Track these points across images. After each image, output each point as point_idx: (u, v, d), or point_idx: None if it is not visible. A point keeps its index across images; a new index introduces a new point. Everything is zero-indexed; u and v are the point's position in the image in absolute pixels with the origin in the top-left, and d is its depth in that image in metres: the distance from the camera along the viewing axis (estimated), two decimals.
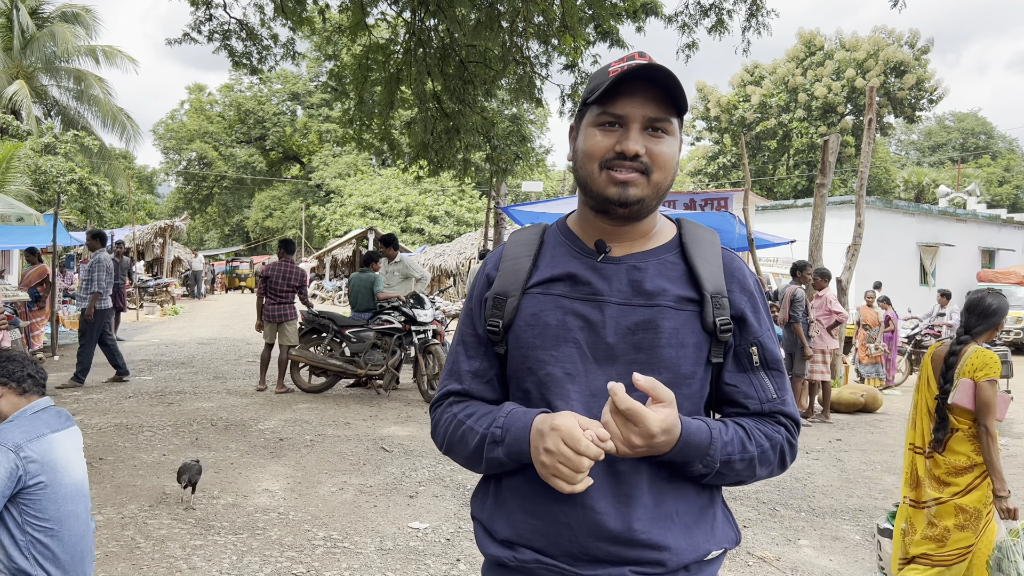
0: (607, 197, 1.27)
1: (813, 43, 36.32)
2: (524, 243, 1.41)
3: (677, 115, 1.29)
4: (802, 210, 17.57)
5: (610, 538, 1.23)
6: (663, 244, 1.36)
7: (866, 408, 9.45)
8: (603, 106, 1.27)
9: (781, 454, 1.31)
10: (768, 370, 1.33)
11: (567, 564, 1.25)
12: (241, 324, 17.98)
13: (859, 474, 6.23)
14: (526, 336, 1.31)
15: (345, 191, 39.33)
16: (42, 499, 2.39)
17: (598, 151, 1.27)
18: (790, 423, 1.33)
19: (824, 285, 8.70)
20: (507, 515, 1.32)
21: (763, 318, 1.35)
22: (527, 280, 1.35)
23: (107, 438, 6.32)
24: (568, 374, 1.28)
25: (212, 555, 3.89)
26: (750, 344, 1.32)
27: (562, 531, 1.25)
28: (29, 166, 20.70)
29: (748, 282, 1.36)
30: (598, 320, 1.28)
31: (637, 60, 1.26)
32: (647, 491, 1.25)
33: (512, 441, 1.24)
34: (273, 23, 11.25)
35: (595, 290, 1.30)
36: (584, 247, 1.35)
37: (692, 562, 1.27)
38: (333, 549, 4.05)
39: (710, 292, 1.29)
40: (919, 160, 54.03)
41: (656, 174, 1.27)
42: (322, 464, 5.76)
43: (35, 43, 25.04)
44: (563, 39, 7.82)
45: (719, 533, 1.33)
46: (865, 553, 4.34)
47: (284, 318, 8.77)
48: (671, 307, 1.28)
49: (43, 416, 2.52)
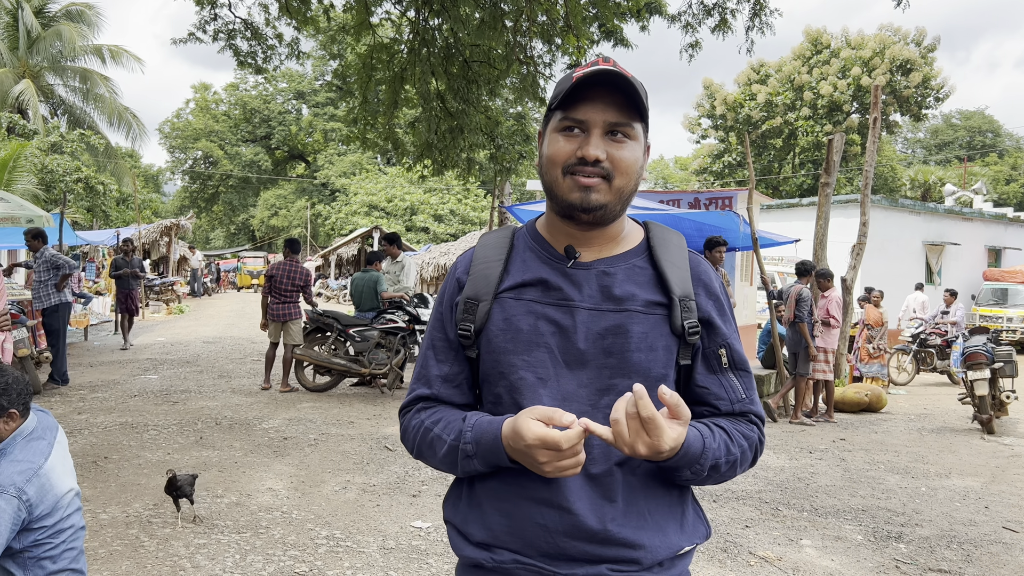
0: (570, 203, 1.28)
1: (819, 41, 36.19)
2: (494, 247, 1.41)
3: (639, 120, 1.30)
4: (807, 209, 17.52)
5: (586, 537, 1.25)
6: (631, 248, 1.37)
7: (870, 407, 9.43)
8: (565, 111, 1.29)
9: (755, 452, 1.36)
10: (736, 371, 1.36)
11: (544, 563, 1.27)
12: (247, 323, 18.03)
13: (862, 474, 6.22)
14: (498, 341, 1.33)
15: (350, 190, 39.39)
16: (41, 531, 2.40)
17: (560, 156, 1.29)
18: (759, 421, 1.38)
19: (828, 286, 8.68)
20: (482, 517, 1.33)
21: (729, 320, 1.38)
22: (498, 285, 1.36)
23: (112, 437, 6.35)
24: (540, 378, 1.30)
25: (215, 554, 3.91)
26: (718, 346, 1.35)
27: (538, 532, 1.27)
28: (35, 165, 20.77)
29: (714, 285, 1.37)
30: (569, 325, 1.30)
31: (601, 65, 1.27)
32: (621, 490, 1.27)
33: (485, 454, 1.26)
34: (278, 23, 11.28)
35: (566, 295, 1.32)
36: (554, 252, 1.36)
37: (666, 558, 1.30)
38: (336, 548, 4.07)
39: (678, 296, 1.31)
40: (926, 158, 53.80)
41: (618, 179, 1.28)
42: (325, 463, 5.78)
43: (41, 42, 25.14)
44: (567, 38, 7.82)
45: (690, 529, 1.35)
46: (868, 553, 4.34)
47: (288, 317, 8.80)
48: (640, 312, 1.30)
49: (34, 441, 2.48)
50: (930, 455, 7.06)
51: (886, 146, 41.13)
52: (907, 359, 12.45)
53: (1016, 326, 17.47)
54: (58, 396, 8.12)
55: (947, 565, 4.22)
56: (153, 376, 9.70)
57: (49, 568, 2.44)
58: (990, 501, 5.55)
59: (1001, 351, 8.39)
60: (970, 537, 4.70)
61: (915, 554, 4.37)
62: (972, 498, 5.62)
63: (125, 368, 10.36)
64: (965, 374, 8.42)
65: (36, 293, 8.51)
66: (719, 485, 5.62)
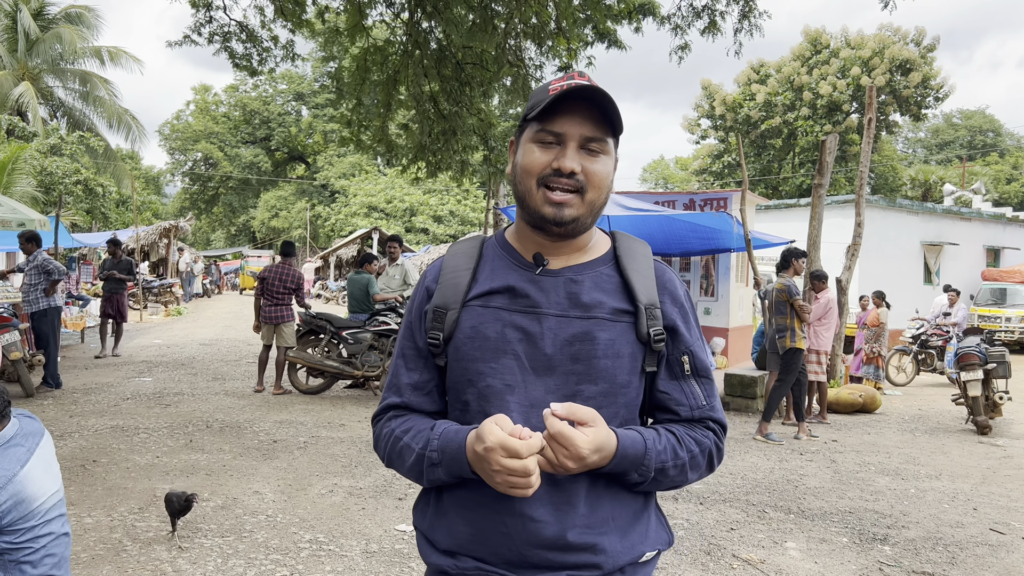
0: (543, 215, 1.31)
1: (819, 41, 36.16)
2: (463, 255, 1.43)
3: (612, 135, 1.33)
4: (805, 209, 17.46)
5: (547, 545, 1.27)
6: (599, 257, 1.40)
7: (865, 408, 9.42)
8: (542, 123, 1.30)
9: (709, 457, 1.37)
10: (699, 378, 1.38)
11: (506, 570, 1.29)
12: (243, 325, 18.05)
13: (852, 475, 6.22)
14: (466, 348, 1.34)
15: (350, 191, 39.43)
16: (17, 535, 2.40)
17: (536, 167, 1.31)
18: (718, 427, 1.39)
19: (822, 287, 8.65)
20: (448, 526, 1.35)
21: (693, 328, 1.40)
22: (467, 293, 1.38)
23: (102, 440, 6.35)
24: (507, 385, 1.31)
25: (197, 558, 3.91)
26: (682, 353, 1.37)
27: (502, 540, 1.28)
28: (35, 167, 20.81)
29: (678, 293, 1.41)
30: (536, 332, 1.32)
31: (577, 80, 1.29)
32: (584, 498, 1.29)
33: (449, 463, 1.28)
34: (273, 25, 11.30)
35: (533, 302, 1.33)
36: (523, 260, 1.38)
37: (627, 564, 1.32)
38: (318, 552, 4.07)
39: (644, 304, 1.33)
40: (926, 158, 53.73)
41: (590, 193, 1.31)
42: (314, 466, 5.78)
43: (40, 44, 25.18)
44: (558, 41, 7.82)
45: (653, 535, 1.38)
46: (852, 555, 4.34)
47: (280, 320, 8.81)
48: (607, 319, 1.32)
49: (11, 448, 2.47)
50: (922, 456, 7.05)
51: (886, 146, 41.09)
52: (907, 360, 12.40)
53: (1015, 326, 17.44)
54: (51, 399, 8.13)
55: (931, 567, 4.21)
56: (147, 379, 9.71)
57: (29, 572, 2.45)
58: (979, 503, 5.54)
59: (994, 352, 8.38)
60: (956, 539, 4.69)
61: (900, 556, 4.37)
62: (961, 499, 5.61)
63: (119, 371, 10.37)
64: (958, 375, 8.41)
65: (26, 297, 8.53)
66: (701, 486, 5.61)
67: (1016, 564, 4.30)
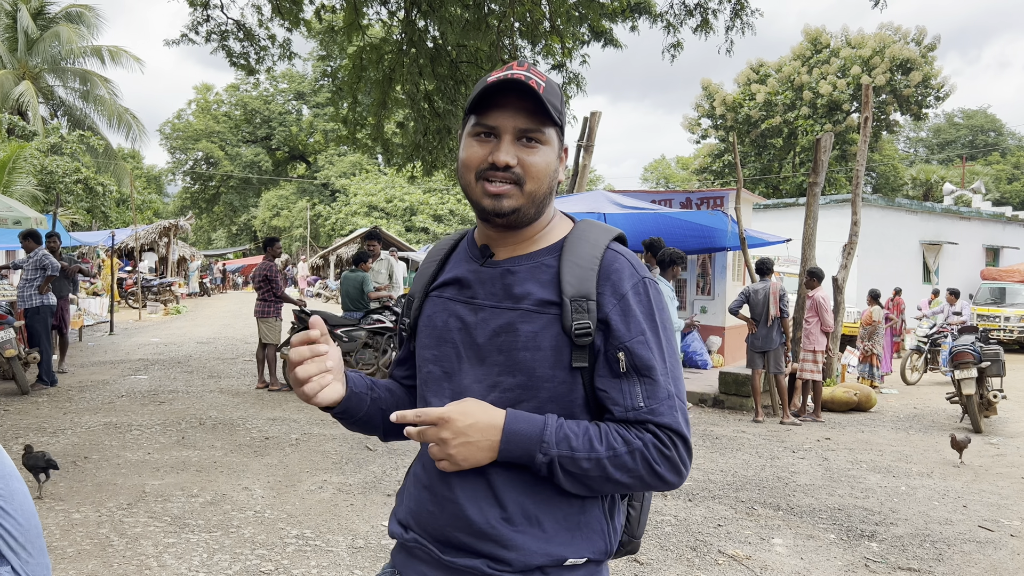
0: (483, 208, 1.31)
1: (819, 41, 36.14)
2: (441, 248, 1.51)
3: (552, 125, 1.30)
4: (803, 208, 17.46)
5: (466, 529, 1.29)
6: (546, 247, 1.36)
7: (859, 407, 9.42)
8: (479, 117, 1.30)
9: (646, 462, 1.23)
10: (639, 377, 1.27)
11: (436, 549, 1.33)
12: (242, 323, 18.08)
13: (843, 473, 6.22)
14: (421, 336, 1.42)
15: (350, 190, 39.45)
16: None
17: (473, 161, 1.31)
18: (664, 434, 1.25)
19: (815, 285, 8.65)
20: (404, 500, 1.43)
21: (634, 323, 1.28)
22: (430, 283, 1.45)
23: (95, 437, 6.37)
24: (446, 372, 1.36)
25: (183, 553, 3.92)
26: (617, 349, 1.27)
27: (431, 519, 1.34)
28: (35, 166, 20.86)
29: (623, 285, 1.30)
30: (472, 322, 1.34)
31: (515, 70, 1.27)
32: (509, 491, 1.28)
33: None
34: (271, 23, 11.32)
35: (474, 293, 1.36)
36: (476, 252, 1.41)
37: (546, 565, 1.27)
38: (304, 547, 4.08)
39: (569, 296, 1.27)
40: (928, 157, 53.65)
41: (529, 184, 1.29)
42: (304, 463, 5.79)
43: (41, 44, 25.23)
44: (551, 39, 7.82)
45: (582, 542, 1.30)
46: (838, 552, 4.34)
47: (260, 314, 8.91)
48: (532, 311, 1.29)
49: None
50: (914, 454, 7.04)
51: (888, 145, 41.07)
52: (919, 359, 12.38)
53: (1014, 325, 17.42)
54: (46, 396, 8.15)
55: (917, 564, 4.21)
56: (143, 376, 9.73)
57: None
58: (969, 500, 5.54)
59: (988, 350, 8.37)
60: (944, 536, 4.70)
61: (886, 553, 4.37)
62: (951, 497, 5.61)
63: (116, 368, 10.39)
64: (952, 373, 8.41)
65: (21, 293, 8.55)
66: (691, 483, 5.61)
67: (1002, 561, 4.30)
